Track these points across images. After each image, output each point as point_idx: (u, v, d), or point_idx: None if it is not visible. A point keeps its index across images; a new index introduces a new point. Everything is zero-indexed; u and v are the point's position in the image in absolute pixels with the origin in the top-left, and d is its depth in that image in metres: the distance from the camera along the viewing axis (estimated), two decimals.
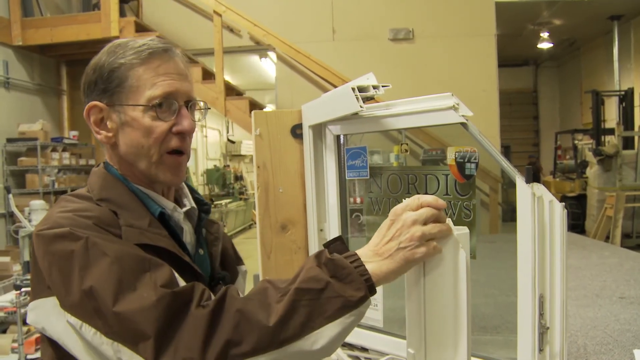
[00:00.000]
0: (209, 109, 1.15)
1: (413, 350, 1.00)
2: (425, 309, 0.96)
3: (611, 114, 10.34)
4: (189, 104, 1.05)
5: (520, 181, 1.15)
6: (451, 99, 1.23)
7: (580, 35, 13.31)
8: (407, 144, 1.45)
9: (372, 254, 0.92)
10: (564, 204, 1.13)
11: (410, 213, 0.93)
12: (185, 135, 1.04)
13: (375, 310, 1.53)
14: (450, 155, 1.31)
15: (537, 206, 1.12)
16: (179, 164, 1.05)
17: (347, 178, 1.58)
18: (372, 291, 0.88)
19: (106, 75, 1.01)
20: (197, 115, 1.10)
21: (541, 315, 1.14)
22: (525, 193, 1.14)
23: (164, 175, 1.04)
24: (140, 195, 1.04)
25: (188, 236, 1.10)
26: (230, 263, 1.25)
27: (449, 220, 0.96)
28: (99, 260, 0.86)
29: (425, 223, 0.92)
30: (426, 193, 1.38)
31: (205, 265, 1.11)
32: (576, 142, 10.93)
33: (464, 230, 0.98)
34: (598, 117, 9.33)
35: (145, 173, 1.04)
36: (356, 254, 0.91)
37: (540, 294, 1.14)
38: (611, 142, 8.81)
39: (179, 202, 1.13)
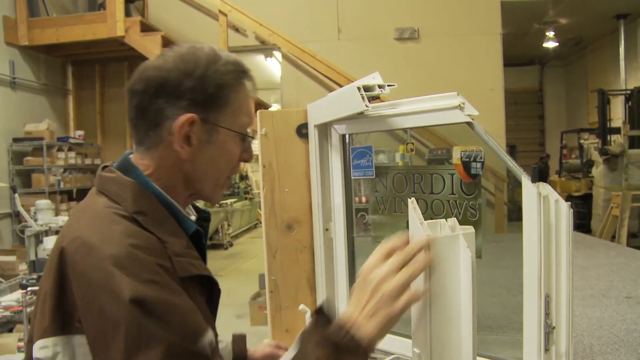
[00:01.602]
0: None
1: (418, 349, 0.99)
2: (431, 309, 0.96)
3: (617, 113, 10.28)
4: None
5: (526, 180, 1.14)
6: (457, 98, 1.23)
7: (586, 34, 13.25)
8: (412, 143, 1.45)
9: (358, 318, 0.88)
10: (569, 203, 1.12)
11: (377, 272, 0.89)
12: (247, 162, 1.05)
13: None
14: (456, 155, 1.31)
15: (543, 205, 1.12)
16: (227, 187, 1.05)
17: (352, 177, 1.58)
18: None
19: (212, 89, 0.94)
20: None
21: (547, 315, 1.13)
22: (531, 192, 1.13)
23: (217, 197, 1.04)
24: (174, 209, 0.96)
25: None
26: None
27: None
28: (150, 346, 0.76)
29: (397, 271, 0.89)
30: (432, 192, 1.38)
31: None
32: (582, 141, 10.88)
33: (470, 229, 0.98)
34: (604, 116, 9.29)
35: (202, 193, 1.01)
36: (348, 329, 0.86)
37: (546, 293, 1.13)
38: (617, 141, 8.77)
39: None
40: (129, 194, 0.92)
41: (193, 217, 1.08)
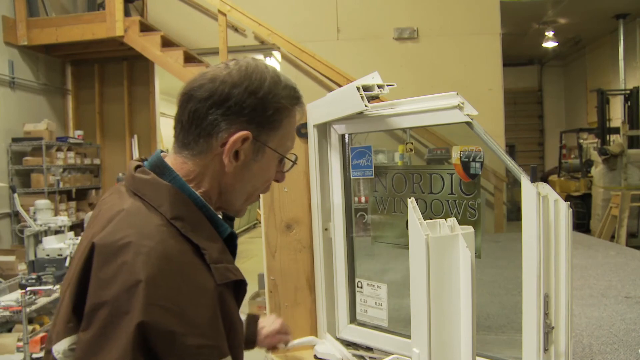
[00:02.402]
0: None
1: (418, 349, 0.99)
2: (431, 308, 0.96)
3: (616, 113, 10.29)
4: None
5: (525, 180, 1.14)
6: (456, 98, 1.23)
7: (586, 34, 13.25)
8: (412, 143, 1.45)
9: None
10: (569, 203, 1.12)
11: None
12: (278, 183, 1.08)
13: (380, 309, 1.53)
14: (455, 155, 1.31)
15: (542, 205, 1.11)
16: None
17: (351, 177, 1.58)
18: None
19: (270, 111, 0.96)
20: None
21: (546, 314, 1.13)
22: (531, 192, 1.13)
23: (243, 212, 1.06)
24: (210, 213, 0.97)
25: None
26: None
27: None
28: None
29: None
30: (431, 192, 1.38)
31: None
32: (581, 141, 10.88)
33: (469, 229, 0.98)
34: (603, 116, 9.29)
35: (231, 206, 1.03)
36: None
37: (545, 293, 1.13)
38: (616, 141, 8.77)
39: None
40: (166, 198, 0.91)
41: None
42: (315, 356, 1.57)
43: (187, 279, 0.83)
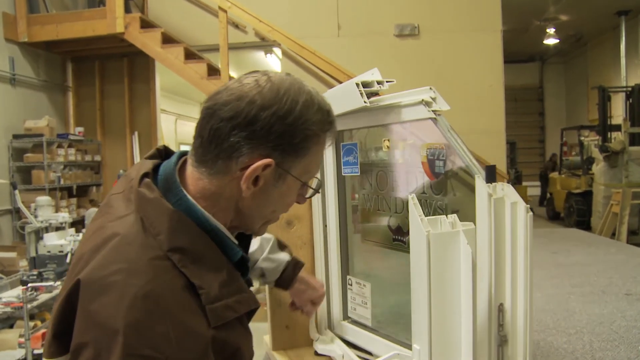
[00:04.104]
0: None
1: (419, 346, 0.99)
2: (431, 305, 0.96)
3: (618, 110, 10.27)
4: None
5: (479, 180, 1.05)
6: (427, 93, 1.18)
7: (587, 30, 13.23)
8: (388, 140, 1.42)
9: None
10: (528, 206, 1.03)
11: None
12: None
13: (365, 308, 1.53)
14: (423, 152, 1.26)
15: (494, 207, 1.02)
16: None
17: (343, 174, 1.57)
18: None
19: (298, 139, 0.88)
20: None
21: (501, 326, 1.03)
22: (482, 193, 1.04)
23: (263, 232, 1.02)
24: (220, 236, 0.91)
25: None
26: None
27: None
28: None
29: None
30: (407, 191, 1.35)
31: None
32: (582, 138, 10.87)
33: (470, 226, 0.98)
34: (604, 113, 9.27)
35: (249, 228, 0.98)
36: None
37: (499, 303, 1.03)
38: (618, 138, 8.76)
39: None
40: (166, 225, 0.84)
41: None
42: (315, 352, 1.57)
43: (176, 323, 0.78)
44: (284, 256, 1.40)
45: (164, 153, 1.00)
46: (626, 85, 10.37)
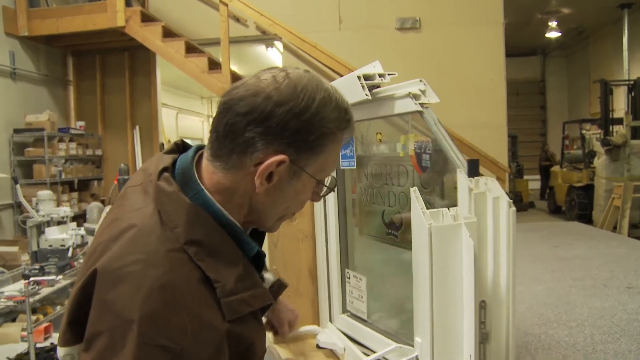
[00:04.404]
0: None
1: (420, 338, 0.99)
2: (433, 297, 0.96)
3: (620, 104, 10.25)
4: None
5: (460, 174, 1.04)
6: (415, 85, 1.16)
7: (589, 24, 13.18)
8: (380, 133, 1.41)
9: None
10: (510, 201, 1.00)
11: None
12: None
13: (361, 301, 1.53)
14: (411, 146, 1.24)
15: (474, 202, 1.00)
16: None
17: (340, 167, 1.57)
18: None
19: (314, 136, 0.87)
20: None
21: (482, 323, 1.00)
22: (463, 187, 1.02)
23: (276, 229, 1.01)
24: (236, 232, 0.90)
25: None
26: None
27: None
28: None
29: None
30: (399, 185, 1.34)
31: None
32: (584, 132, 10.85)
33: (473, 219, 0.97)
34: (606, 107, 9.25)
35: (262, 224, 0.98)
36: None
37: (481, 299, 0.99)
38: (619, 131, 8.75)
39: None
40: (184, 219, 0.84)
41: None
42: (317, 345, 1.58)
43: (191, 315, 0.78)
44: (269, 276, 1.38)
45: (182, 147, 1.00)
46: (628, 79, 10.34)
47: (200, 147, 0.96)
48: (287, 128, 0.85)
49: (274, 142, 0.86)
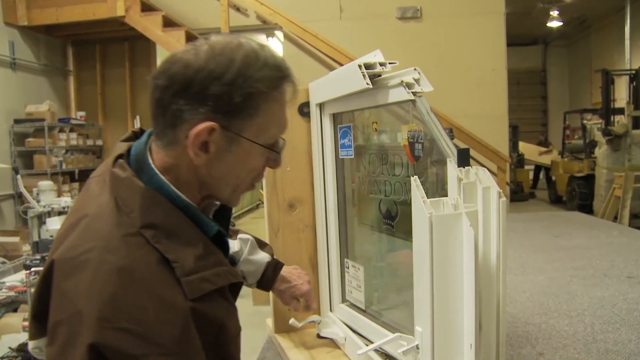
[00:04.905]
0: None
1: (421, 328, 1.00)
2: (434, 287, 0.96)
3: (621, 94, 10.22)
4: None
5: (450, 164, 1.02)
6: (410, 74, 1.15)
7: (591, 13, 13.12)
8: (376, 123, 1.40)
9: None
10: (500, 191, 0.98)
11: None
12: (276, 169, 0.98)
13: (359, 291, 1.53)
14: (404, 135, 1.22)
15: (464, 192, 0.98)
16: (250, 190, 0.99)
17: (340, 157, 1.56)
18: None
19: (238, 98, 0.84)
20: None
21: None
22: (452, 177, 1.00)
23: (236, 201, 0.97)
24: (193, 212, 0.89)
25: None
26: None
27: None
28: None
29: None
30: (394, 174, 1.34)
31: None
32: (585, 121, 10.82)
33: (473, 208, 0.97)
34: (608, 97, 9.22)
35: (220, 197, 0.96)
36: None
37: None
38: (621, 121, 8.72)
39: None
40: (138, 203, 0.84)
41: (217, 206, 1.03)
42: (318, 335, 1.58)
43: (152, 296, 0.77)
44: (263, 257, 1.37)
45: (140, 134, 0.98)
46: (630, 69, 10.31)
47: (150, 135, 0.94)
48: (208, 94, 0.83)
49: (200, 111, 0.83)
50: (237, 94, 0.83)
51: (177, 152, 0.87)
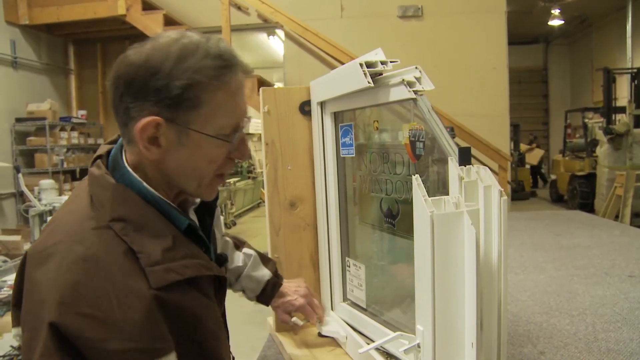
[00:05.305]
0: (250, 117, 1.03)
1: (422, 327, 1.00)
2: (435, 285, 0.96)
3: (623, 92, 10.21)
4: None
5: (451, 163, 1.02)
6: (412, 72, 1.15)
7: (593, 11, 13.10)
8: (377, 121, 1.40)
9: None
10: (502, 190, 0.98)
11: None
12: (242, 160, 1.00)
13: (360, 290, 1.53)
14: (405, 133, 1.22)
15: (465, 191, 0.98)
16: (222, 183, 0.99)
17: (341, 155, 1.56)
18: None
19: (176, 91, 0.85)
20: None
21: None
22: (453, 176, 1.00)
23: (208, 195, 0.98)
24: (163, 207, 0.91)
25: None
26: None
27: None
28: None
29: None
30: (395, 173, 1.33)
31: (211, 255, 1.07)
32: (586, 120, 10.81)
33: (475, 206, 0.97)
34: (609, 95, 9.22)
35: (188, 192, 0.96)
36: None
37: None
38: (622, 120, 8.72)
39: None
40: (108, 199, 0.87)
41: (197, 204, 1.05)
42: (319, 334, 1.58)
43: (115, 283, 0.78)
44: (264, 274, 1.41)
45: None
46: (631, 67, 10.30)
47: None
48: (148, 89, 0.85)
49: (144, 106, 0.86)
50: (175, 86, 0.85)
51: (137, 149, 0.90)
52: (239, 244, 1.44)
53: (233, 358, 1.10)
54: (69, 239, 0.82)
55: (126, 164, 0.92)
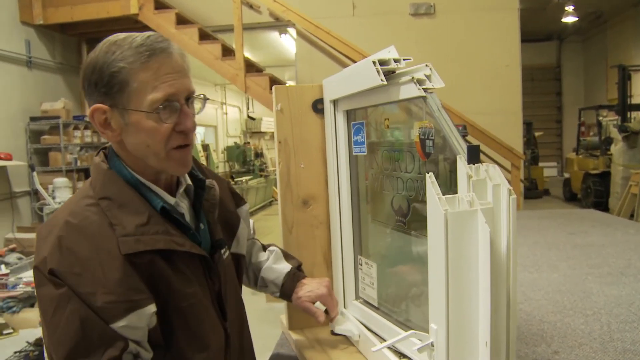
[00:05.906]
0: (208, 99, 1.18)
1: (436, 325, 0.99)
2: (449, 284, 0.95)
3: (638, 89, 10.12)
4: (189, 98, 1.08)
5: (460, 161, 1.01)
6: (422, 70, 1.14)
7: (607, 7, 12.97)
8: (387, 119, 1.39)
9: None
10: (511, 189, 0.97)
11: None
12: (188, 132, 1.08)
13: (372, 288, 1.52)
14: (415, 132, 1.22)
15: (473, 190, 0.98)
16: (185, 156, 1.09)
17: (353, 153, 1.56)
18: None
19: (107, 79, 1.01)
20: (197, 106, 1.12)
21: None
22: (462, 175, 1.00)
23: (174, 168, 1.10)
24: (142, 190, 1.08)
25: (187, 215, 1.15)
26: (230, 211, 1.34)
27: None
28: (67, 322, 0.94)
29: None
30: (406, 171, 1.33)
31: (206, 238, 1.18)
32: (600, 118, 10.71)
33: (489, 205, 0.96)
34: (624, 93, 9.12)
35: (156, 167, 1.08)
36: None
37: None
38: (637, 118, 8.63)
39: (178, 180, 1.18)
40: (100, 181, 1.07)
41: (184, 185, 1.18)
42: (332, 332, 1.58)
43: (98, 248, 0.97)
44: (284, 267, 1.47)
45: None
46: None
47: None
48: (91, 83, 1.03)
49: (92, 98, 1.04)
50: (105, 76, 1.01)
51: (106, 135, 1.08)
52: (264, 246, 1.57)
53: (227, 335, 1.18)
54: (67, 214, 1.02)
55: (115, 154, 1.11)
